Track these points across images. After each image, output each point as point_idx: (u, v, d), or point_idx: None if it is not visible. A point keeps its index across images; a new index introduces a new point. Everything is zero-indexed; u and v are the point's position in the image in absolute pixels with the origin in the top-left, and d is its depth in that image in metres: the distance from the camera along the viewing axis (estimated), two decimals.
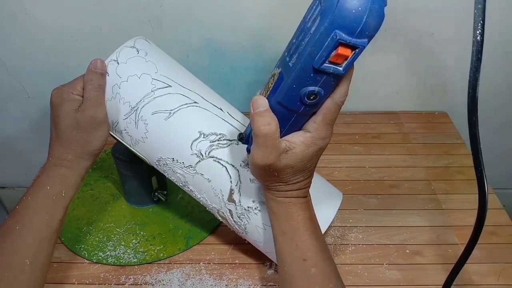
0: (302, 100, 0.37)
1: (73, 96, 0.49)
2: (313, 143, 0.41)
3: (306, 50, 0.34)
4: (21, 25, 0.81)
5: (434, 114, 0.92)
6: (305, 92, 0.36)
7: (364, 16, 0.31)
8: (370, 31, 0.32)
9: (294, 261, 0.44)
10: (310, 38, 0.33)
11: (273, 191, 0.45)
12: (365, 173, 0.77)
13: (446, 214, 0.69)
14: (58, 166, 0.49)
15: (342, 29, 0.32)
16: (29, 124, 0.97)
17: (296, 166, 0.42)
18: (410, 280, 0.59)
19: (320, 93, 0.36)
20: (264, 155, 0.40)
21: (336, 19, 0.31)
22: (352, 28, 0.31)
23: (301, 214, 0.44)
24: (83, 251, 0.62)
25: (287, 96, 0.37)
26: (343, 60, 0.34)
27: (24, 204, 0.48)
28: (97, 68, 0.49)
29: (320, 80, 0.35)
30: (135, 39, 0.53)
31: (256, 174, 0.44)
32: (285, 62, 0.37)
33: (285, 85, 0.37)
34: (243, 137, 0.46)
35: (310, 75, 0.35)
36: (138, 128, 0.51)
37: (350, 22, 0.31)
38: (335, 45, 0.32)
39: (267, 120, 0.39)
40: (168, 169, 0.54)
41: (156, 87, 0.50)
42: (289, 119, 0.40)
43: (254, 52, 0.84)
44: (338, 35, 0.32)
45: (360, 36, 0.32)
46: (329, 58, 0.33)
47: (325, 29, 0.32)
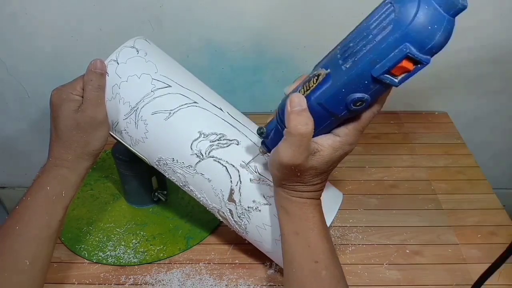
0: (347, 105, 0.36)
1: (72, 97, 0.49)
2: (341, 147, 0.40)
3: (367, 56, 0.33)
4: (21, 25, 0.81)
5: (434, 114, 0.92)
6: (353, 98, 0.35)
7: (438, 34, 0.31)
8: (436, 50, 0.32)
9: (306, 262, 0.43)
10: (375, 46, 0.33)
11: (289, 190, 0.44)
12: (365, 173, 0.77)
13: (446, 214, 0.69)
14: (58, 166, 0.49)
15: (413, 43, 0.31)
16: (29, 124, 0.97)
17: (320, 169, 0.41)
18: (410, 280, 0.59)
19: (368, 100, 0.36)
20: (294, 155, 0.39)
21: (410, 33, 0.31)
22: (424, 44, 0.31)
23: (316, 215, 0.44)
24: (83, 251, 0.62)
25: (332, 98, 0.37)
26: (401, 73, 0.33)
27: (24, 204, 0.48)
28: (97, 68, 0.49)
29: (372, 89, 0.35)
30: (135, 39, 0.53)
31: (278, 171, 0.43)
32: (336, 64, 0.36)
33: (333, 88, 0.36)
34: (264, 132, 0.45)
35: (365, 82, 0.34)
36: (138, 128, 0.51)
37: (423, 38, 0.31)
38: (402, 58, 0.32)
39: (305, 120, 0.38)
40: (168, 169, 0.54)
41: (156, 87, 0.50)
42: (325, 122, 0.39)
43: (254, 52, 0.84)
44: (408, 49, 0.31)
45: (428, 53, 0.32)
46: (391, 69, 0.33)
47: (394, 40, 0.32)
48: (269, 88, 0.90)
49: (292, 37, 0.82)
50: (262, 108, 0.93)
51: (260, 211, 0.51)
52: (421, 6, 0.30)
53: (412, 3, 0.31)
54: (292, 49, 0.83)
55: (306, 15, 0.79)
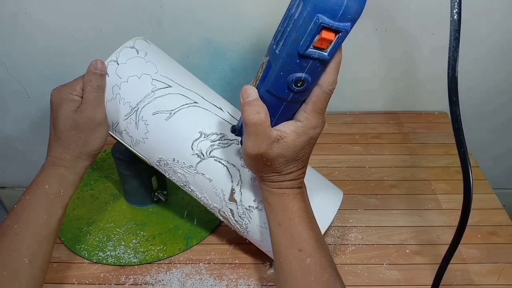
0: (290, 87, 0.37)
1: (72, 97, 0.49)
2: (304, 132, 0.41)
3: (291, 36, 0.34)
4: (21, 25, 0.81)
5: (434, 114, 0.92)
6: (292, 78, 0.36)
7: (345, 0, 0.32)
8: (352, 15, 0.33)
9: (290, 251, 0.44)
10: (294, 24, 0.34)
11: (267, 182, 0.45)
12: (365, 173, 0.77)
13: (446, 214, 0.69)
14: (57, 165, 0.49)
15: (324, 13, 0.32)
16: (29, 124, 0.97)
17: (288, 156, 0.42)
18: (410, 280, 0.59)
19: (308, 79, 0.37)
20: (255, 144, 0.40)
21: (318, 3, 0.32)
22: (334, 12, 0.32)
23: (295, 204, 0.45)
24: (83, 251, 0.62)
25: (275, 83, 0.38)
26: (328, 45, 0.34)
27: (23, 203, 0.48)
28: (97, 69, 0.49)
29: (306, 66, 0.36)
30: (135, 39, 0.53)
31: (249, 164, 0.44)
32: (272, 49, 0.37)
33: (273, 73, 0.37)
34: (236, 129, 0.46)
35: (296, 61, 0.35)
36: (138, 129, 0.51)
37: (331, 5, 0.32)
38: (318, 29, 0.33)
39: (256, 109, 0.39)
40: (169, 169, 0.54)
41: (156, 87, 0.50)
42: (279, 108, 0.40)
43: (254, 52, 0.84)
44: (320, 19, 0.32)
45: (343, 19, 0.33)
46: (314, 43, 0.34)
47: (307, 14, 0.33)
48: None
49: None
50: None
51: (261, 210, 0.51)
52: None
53: None
54: None
55: None
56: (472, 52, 0.83)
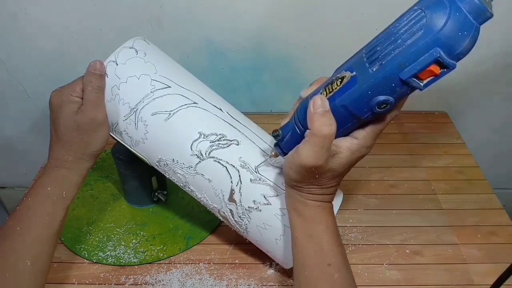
0: (371, 108, 0.37)
1: (72, 98, 0.49)
2: (358, 150, 0.41)
3: (396, 60, 0.34)
4: (21, 25, 0.81)
5: (434, 114, 0.92)
6: (378, 100, 0.36)
7: (466, 40, 0.32)
8: (463, 55, 0.33)
9: (318, 265, 0.43)
10: (404, 49, 0.33)
11: (304, 193, 0.44)
12: (365, 173, 0.77)
13: (446, 214, 0.69)
14: (59, 167, 0.49)
15: (442, 48, 0.32)
16: (29, 124, 0.97)
17: (337, 171, 0.42)
18: (410, 280, 0.59)
19: (392, 103, 0.36)
20: (316, 156, 0.39)
21: (441, 38, 0.32)
22: (453, 49, 0.32)
23: (329, 218, 0.44)
24: (83, 251, 0.62)
25: (357, 101, 0.37)
26: (428, 77, 0.34)
27: (25, 205, 0.48)
28: (96, 69, 0.49)
29: (398, 92, 0.35)
30: (134, 39, 0.52)
31: (296, 174, 0.42)
32: (363, 66, 0.36)
33: (358, 90, 0.36)
34: (279, 134, 0.45)
35: (392, 84, 0.35)
36: (138, 129, 0.51)
37: (453, 43, 0.32)
38: (432, 62, 0.33)
39: (328, 121, 0.38)
40: (168, 170, 0.54)
41: (156, 88, 0.50)
42: (346, 124, 0.39)
43: (254, 52, 0.84)
44: (438, 53, 0.32)
45: (455, 58, 0.33)
46: (420, 73, 0.33)
47: (425, 44, 0.32)
48: (269, 88, 0.90)
49: (292, 37, 0.82)
50: (262, 108, 0.93)
51: (260, 211, 0.51)
52: (452, 13, 0.31)
53: (443, 10, 0.32)
54: (292, 49, 0.83)
55: (306, 15, 0.79)
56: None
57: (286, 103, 0.92)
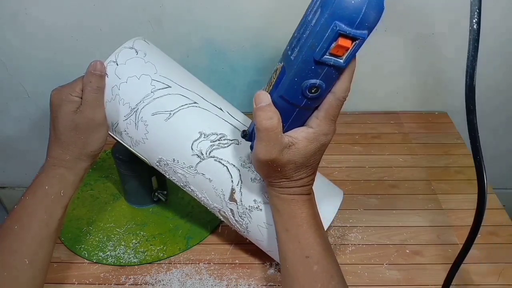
0: (303, 94, 0.37)
1: (72, 98, 0.49)
2: (316, 138, 0.41)
3: (307, 42, 0.34)
4: (21, 25, 0.81)
5: (434, 114, 0.92)
6: (306, 85, 0.36)
7: (363, 7, 0.32)
8: (369, 23, 0.33)
9: (297, 258, 0.44)
10: (311, 31, 0.34)
11: (276, 187, 0.45)
12: (365, 173, 0.77)
13: (446, 214, 0.69)
14: (57, 166, 0.49)
15: (342, 20, 0.32)
16: (29, 124, 0.97)
17: (298, 162, 0.42)
18: (410, 280, 0.59)
19: (322, 86, 0.37)
20: (267, 150, 0.40)
21: (336, 10, 0.32)
22: (352, 19, 0.32)
23: (304, 211, 0.44)
24: (83, 251, 0.62)
25: (289, 89, 0.38)
26: (344, 52, 0.34)
27: (23, 204, 0.48)
28: (96, 69, 0.49)
29: (321, 73, 0.36)
30: (134, 39, 0.53)
31: (259, 170, 0.44)
32: (287, 55, 0.37)
33: (287, 79, 0.37)
34: (247, 134, 0.46)
35: (311, 67, 0.35)
36: (138, 129, 0.51)
37: (349, 13, 0.32)
38: (335, 36, 0.33)
39: (269, 115, 0.39)
40: (169, 170, 0.54)
41: (156, 88, 0.50)
42: (291, 114, 0.40)
43: (254, 52, 0.84)
44: (338, 26, 0.32)
45: (360, 27, 0.32)
46: (330, 50, 0.34)
47: (325, 21, 0.33)
48: None
49: None
50: None
51: (261, 210, 0.51)
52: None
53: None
54: None
55: None
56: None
57: None
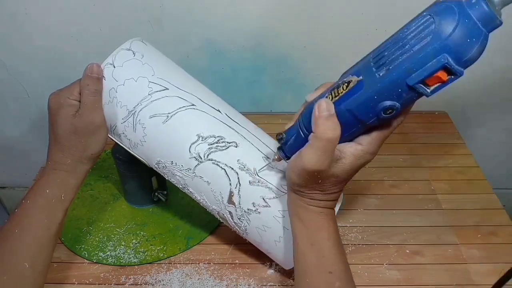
0: (377, 113, 0.36)
1: (70, 101, 0.49)
2: (363, 156, 0.40)
3: (403, 65, 0.33)
4: (21, 25, 0.81)
5: (434, 114, 0.92)
6: (384, 105, 0.36)
7: (475, 47, 0.32)
8: (471, 62, 0.32)
9: (319, 273, 0.43)
10: (412, 55, 0.33)
11: (306, 198, 0.43)
12: (365, 173, 0.77)
13: (446, 214, 0.69)
14: (57, 170, 0.49)
15: (451, 54, 0.32)
16: (29, 124, 0.97)
17: (340, 177, 0.41)
18: (410, 280, 0.59)
19: (398, 109, 0.36)
20: (319, 160, 0.39)
21: (450, 44, 0.31)
22: (461, 56, 0.32)
23: (331, 226, 0.44)
24: (83, 251, 0.62)
25: (363, 105, 0.37)
26: (435, 83, 0.34)
27: (24, 208, 0.48)
28: (93, 72, 0.49)
29: (404, 97, 0.35)
30: (131, 41, 0.52)
31: (299, 178, 0.42)
32: (370, 71, 0.36)
33: (365, 94, 0.36)
34: (283, 138, 0.45)
35: (398, 90, 0.34)
36: (136, 132, 0.51)
37: (461, 50, 0.32)
38: (439, 68, 0.32)
39: (333, 125, 0.38)
40: (167, 172, 0.53)
41: (153, 90, 0.50)
42: (351, 129, 0.39)
43: (254, 52, 0.84)
44: (446, 59, 0.32)
45: (463, 65, 0.32)
46: (427, 79, 0.33)
47: (433, 50, 0.32)
48: (269, 88, 0.90)
49: (292, 37, 0.82)
50: (262, 108, 0.93)
51: (259, 213, 0.51)
52: (461, 20, 0.31)
53: (453, 16, 0.31)
54: (292, 49, 0.83)
55: (306, 15, 0.79)
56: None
57: (286, 103, 0.92)
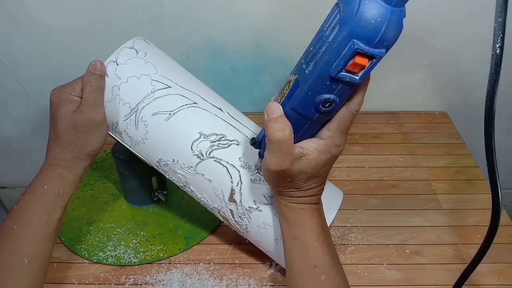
0: (317, 108, 0.37)
1: (71, 97, 0.49)
2: (327, 150, 0.41)
3: (323, 58, 0.34)
4: (21, 25, 0.81)
5: (434, 114, 0.92)
6: (320, 99, 0.36)
7: (382, 27, 0.31)
8: (388, 42, 0.32)
9: (304, 267, 0.44)
10: (328, 47, 0.34)
11: (285, 196, 0.44)
12: (365, 173, 0.77)
13: (446, 214, 0.69)
14: (56, 166, 0.49)
15: (360, 39, 0.32)
16: (29, 124, 0.97)
17: (309, 172, 0.42)
18: (410, 280, 0.59)
19: (336, 101, 0.36)
20: (278, 161, 0.40)
21: (355, 29, 0.31)
22: (370, 38, 0.32)
23: (313, 220, 0.44)
24: (83, 251, 0.62)
25: (302, 103, 0.37)
26: (360, 69, 0.34)
27: (22, 204, 0.48)
28: (96, 69, 0.49)
29: (336, 88, 0.35)
30: (134, 39, 0.53)
31: (269, 180, 0.44)
32: (301, 69, 0.37)
33: (301, 92, 0.37)
34: (256, 141, 0.46)
35: (326, 83, 0.35)
36: (138, 129, 0.51)
37: (368, 32, 0.31)
38: (353, 54, 0.32)
39: (281, 126, 0.39)
40: (168, 170, 0.54)
41: (156, 88, 0.50)
42: (303, 126, 0.40)
43: (254, 52, 0.84)
44: (356, 45, 0.32)
45: (378, 46, 0.32)
46: (346, 67, 0.33)
47: (343, 38, 0.32)
48: (269, 88, 0.90)
49: (292, 37, 0.82)
50: (262, 108, 0.92)
51: (261, 211, 0.51)
52: (361, 2, 0.31)
53: (354, 1, 0.31)
54: (292, 49, 0.83)
55: (306, 15, 0.79)
56: (472, 52, 0.83)
57: None
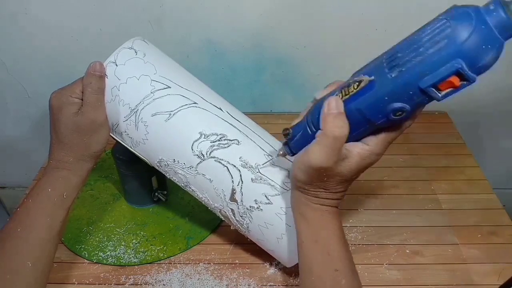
0: (387, 114, 0.36)
1: (72, 100, 0.49)
2: (368, 157, 0.40)
3: (417, 67, 0.33)
4: (21, 25, 0.81)
5: (434, 114, 0.92)
6: (394, 107, 0.35)
7: (490, 54, 0.31)
8: (484, 69, 0.32)
9: (325, 271, 0.43)
10: (426, 58, 0.33)
11: (310, 196, 0.44)
12: (365, 173, 0.76)
13: (446, 214, 0.69)
14: (59, 168, 0.49)
15: (465, 60, 0.31)
16: (29, 124, 0.97)
17: (345, 176, 0.41)
18: (410, 280, 0.59)
19: (408, 112, 0.36)
20: (325, 157, 0.39)
21: (464, 49, 0.31)
22: (475, 62, 0.32)
23: (336, 223, 0.44)
24: (83, 251, 0.62)
25: (372, 106, 0.37)
26: (446, 88, 0.33)
27: (25, 207, 0.48)
28: (96, 70, 0.49)
29: (415, 100, 0.35)
30: (133, 40, 0.52)
31: (304, 175, 0.42)
32: (382, 72, 0.36)
33: (375, 95, 0.36)
34: (290, 133, 0.45)
35: (410, 92, 0.34)
36: (138, 130, 0.51)
37: (475, 56, 0.31)
38: (452, 73, 0.32)
39: (341, 123, 0.38)
40: (169, 170, 0.54)
41: (156, 88, 0.50)
42: (359, 128, 0.39)
43: (254, 52, 0.84)
44: (460, 64, 0.31)
45: (476, 71, 0.32)
46: (439, 83, 0.33)
47: (447, 55, 0.32)
48: (269, 88, 0.90)
49: (292, 37, 0.82)
50: (262, 108, 0.93)
51: (262, 211, 0.51)
52: (477, 26, 0.31)
53: (469, 22, 0.31)
54: (292, 49, 0.83)
55: (306, 15, 0.79)
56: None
57: (286, 103, 0.92)
